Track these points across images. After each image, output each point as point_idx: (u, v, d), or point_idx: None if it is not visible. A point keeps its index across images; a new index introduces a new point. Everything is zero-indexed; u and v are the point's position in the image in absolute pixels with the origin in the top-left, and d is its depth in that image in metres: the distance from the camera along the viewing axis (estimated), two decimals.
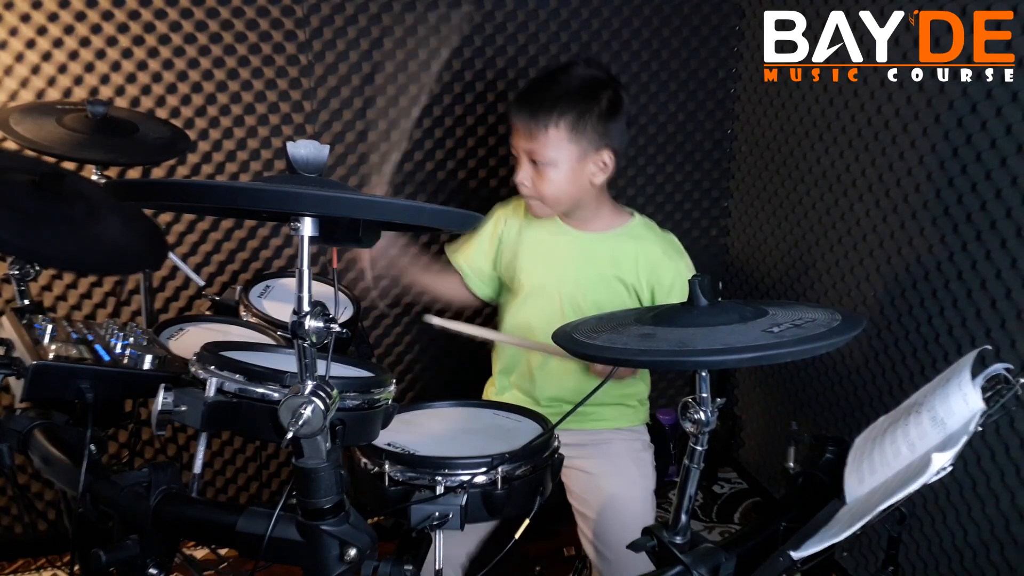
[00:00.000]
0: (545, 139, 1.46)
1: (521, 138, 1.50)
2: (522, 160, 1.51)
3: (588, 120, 1.47)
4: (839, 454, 1.16)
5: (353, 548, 0.88)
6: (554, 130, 1.46)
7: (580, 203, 1.56)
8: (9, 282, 1.69)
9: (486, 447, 1.17)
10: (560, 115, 1.46)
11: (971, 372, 0.92)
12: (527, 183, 1.51)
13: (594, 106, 1.48)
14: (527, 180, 1.51)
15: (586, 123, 1.47)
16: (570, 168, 1.49)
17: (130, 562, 0.94)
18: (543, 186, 1.50)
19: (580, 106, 1.47)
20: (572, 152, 1.48)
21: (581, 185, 1.52)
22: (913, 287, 1.79)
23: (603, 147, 1.50)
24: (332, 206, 0.75)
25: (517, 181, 1.52)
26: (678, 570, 0.94)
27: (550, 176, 1.49)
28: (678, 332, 0.91)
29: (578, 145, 1.48)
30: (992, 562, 1.64)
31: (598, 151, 1.50)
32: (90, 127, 1.57)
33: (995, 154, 1.55)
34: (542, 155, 1.47)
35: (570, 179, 1.50)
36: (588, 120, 1.47)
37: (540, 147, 1.47)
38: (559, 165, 1.48)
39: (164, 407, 0.94)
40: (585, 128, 1.47)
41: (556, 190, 1.50)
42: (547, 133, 1.46)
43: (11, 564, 2.15)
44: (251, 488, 2.33)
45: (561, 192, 1.51)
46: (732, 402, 2.65)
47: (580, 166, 1.50)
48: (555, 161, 1.48)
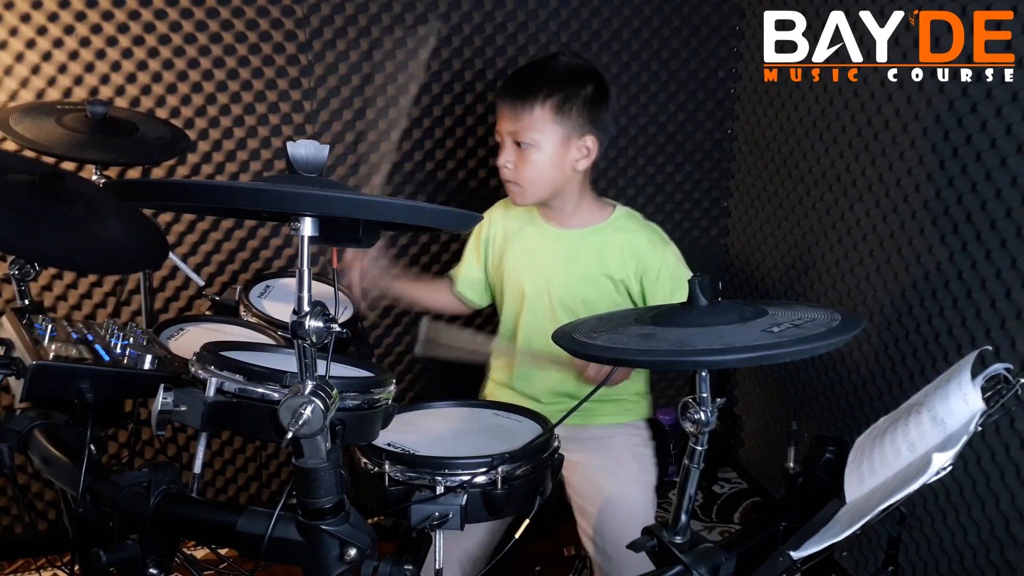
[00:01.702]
0: (530, 119, 1.48)
1: (506, 121, 1.51)
2: (506, 143, 1.52)
3: (573, 103, 1.49)
4: (839, 454, 1.16)
5: (353, 548, 0.88)
6: (540, 110, 1.47)
7: (561, 191, 1.56)
8: (9, 282, 1.69)
9: (486, 447, 1.17)
10: (546, 96, 1.47)
11: (971, 372, 0.92)
12: (509, 166, 1.52)
13: (580, 91, 1.50)
14: (509, 163, 1.51)
15: (571, 106, 1.49)
16: (553, 151, 1.50)
17: (130, 562, 0.94)
18: (525, 168, 1.50)
19: (566, 90, 1.48)
20: (556, 134, 1.49)
21: (563, 170, 1.52)
22: (913, 287, 1.79)
23: (587, 133, 1.51)
24: (332, 206, 0.75)
25: (499, 164, 1.53)
26: (678, 570, 0.94)
27: (533, 158, 1.49)
28: (678, 332, 0.91)
29: (562, 127, 1.49)
30: (992, 562, 1.64)
31: (581, 136, 1.51)
32: (90, 127, 1.57)
33: (995, 154, 1.55)
34: (526, 136, 1.48)
35: (553, 162, 1.50)
36: (573, 103, 1.49)
37: (524, 128, 1.48)
38: (542, 147, 1.49)
39: (164, 407, 0.94)
40: (570, 111, 1.49)
41: (538, 173, 1.50)
42: (532, 113, 1.47)
43: (11, 564, 2.15)
44: (251, 488, 2.33)
45: (543, 175, 1.51)
46: (732, 402, 2.65)
47: (563, 150, 1.50)
48: (538, 143, 1.48)
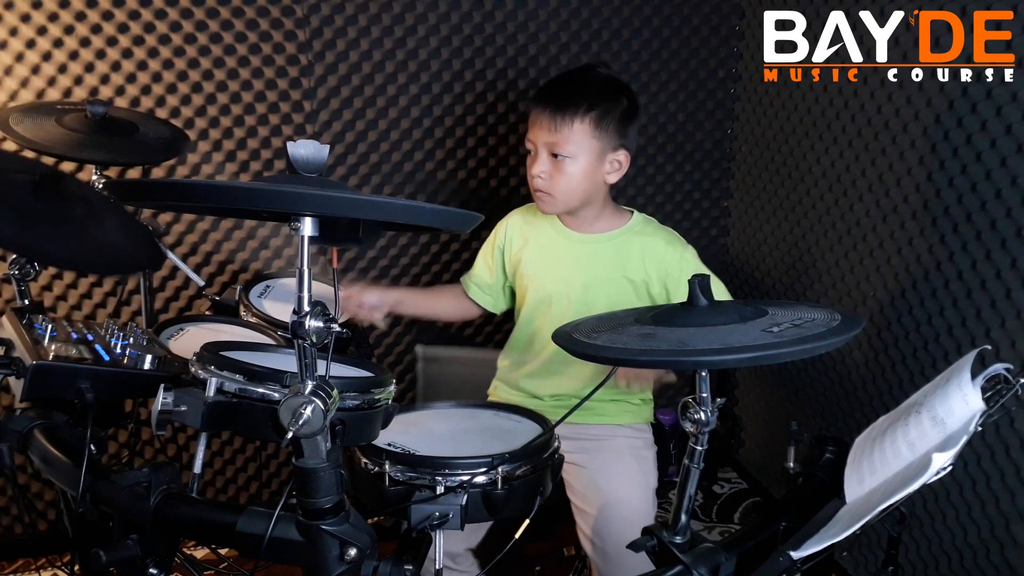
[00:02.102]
0: (570, 132, 1.49)
1: (543, 132, 1.52)
2: (540, 153, 1.53)
3: (611, 119, 1.51)
4: (839, 454, 1.16)
5: (353, 548, 0.89)
6: (579, 124, 1.49)
7: (589, 201, 1.58)
8: (9, 282, 1.69)
9: (486, 447, 1.18)
10: (587, 111, 1.49)
11: (971, 372, 0.92)
12: (544, 176, 1.53)
13: (617, 106, 1.52)
14: (544, 173, 1.52)
15: (609, 121, 1.51)
16: (588, 163, 1.52)
17: (130, 562, 0.94)
18: (560, 179, 1.52)
19: (605, 104, 1.51)
20: (593, 148, 1.51)
21: (595, 182, 1.55)
22: (913, 287, 1.79)
23: (619, 147, 1.54)
24: (332, 206, 0.75)
25: (533, 173, 1.53)
26: (678, 570, 0.94)
27: (568, 170, 1.51)
28: (678, 332, 0.91)
29: (599, 142, 1.51)
30: (992, 562, 1.64)
31: (615, 150, 1.53)
32: (90, 127, 1.57)
33: (995, 154, 1.55)
34: (564, 148, 1.50)
35: (587, 174, 1.52)
36: (611, 119, 1.51)
37: (563, 140, 1.50)
38: (578, 159, 1.51)
39: (164, 407, 0.94)
40: (608, 126, 1.51)
41: (572, 184, 1.52)
42: (572, 127, 1.49)
43: (11, 564, 2.15)
44: (251, 488, 2.33)
45: (576, 187, 1.53)
46: (732, 402, 2.64)
47: (598, 163, 1.53)
48: (575, 155, 1.50)
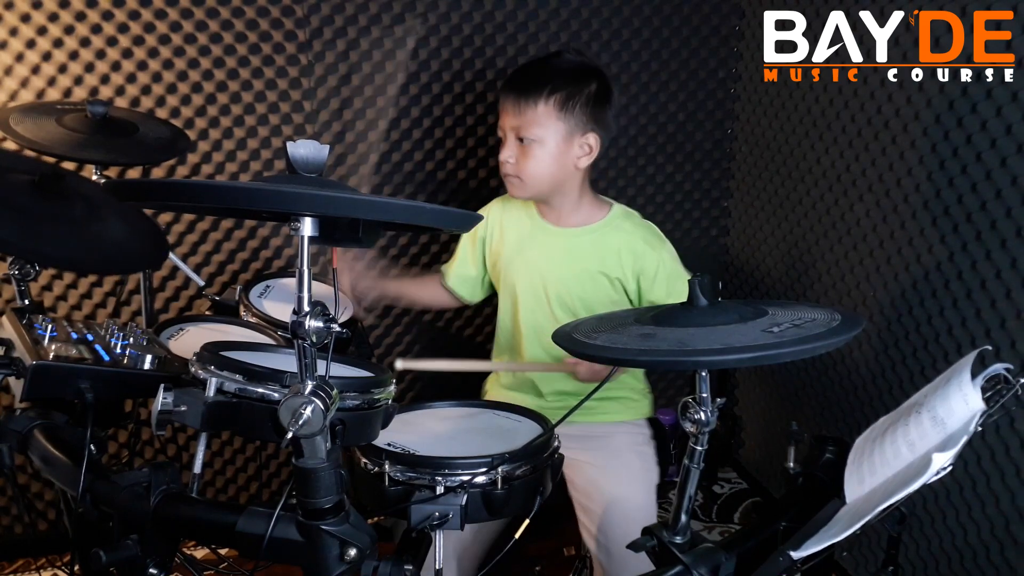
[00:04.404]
0: (534, 115, 1.49)
1: (509, 116, 1.52)
2: (508, 138, 1.53)
3: (577, 101, 1.50)
4: (839, 454, 1.16)
5: (353, 548, 0.89)
6: (543, 106, 1.49)
7: (561, 187, 1.57)
8: (9, 282, 1.69)
9: (486, 447, 1.17)
10: (550, 92, 1.49)
11: (971, 372, 0.92)
12: (511, 160, 1.53)
13: (584, 88, 1.51)
14: (511, 158, 1.53)
15: (575, 103, 1.50)
16: (556, 146, 1.51)
17: (130, 562, 0.94)
18: (527, 163, 1.51)
19: (570, 87, 1.50)
20: (559, 130, 1.50)
21: (565, 166, 1.53)
22: (913, 287, 1.79)
23: (589, 130, 1.52)
24: (332, 206, 0.75)
25: (502, 159, 1.54)
26: (678, 570, 0.94)
27: (535, 153, 1.51)
28: (678, 332, 0.91)
29: (565, 124, 1.50)
30: (992, 562, 1.64)
31: (584, 134, 1.52)
32: (90, 127, 1.57)
33: (995, 154, 1.55)
34: (529, 131, 1.50)
35: (555, 157, 1.52)
36: (577, 101, 1.50)
37: (528, 123, 1.50)
38: (545, 142, 1.50)
39: (164, 407, 0.94)
40: (574, 108, 1.50)
41: (540, 168, 1.52)
42: (536, 109, 1.49)
43: (11, 564, 2.15)
44: (251, 488, 2.33)
45: (544, 170, 1.52)
46: (732, 402, 2.64)
47: (566, 146, 1.52)
48: (541, 138, 1.50)
